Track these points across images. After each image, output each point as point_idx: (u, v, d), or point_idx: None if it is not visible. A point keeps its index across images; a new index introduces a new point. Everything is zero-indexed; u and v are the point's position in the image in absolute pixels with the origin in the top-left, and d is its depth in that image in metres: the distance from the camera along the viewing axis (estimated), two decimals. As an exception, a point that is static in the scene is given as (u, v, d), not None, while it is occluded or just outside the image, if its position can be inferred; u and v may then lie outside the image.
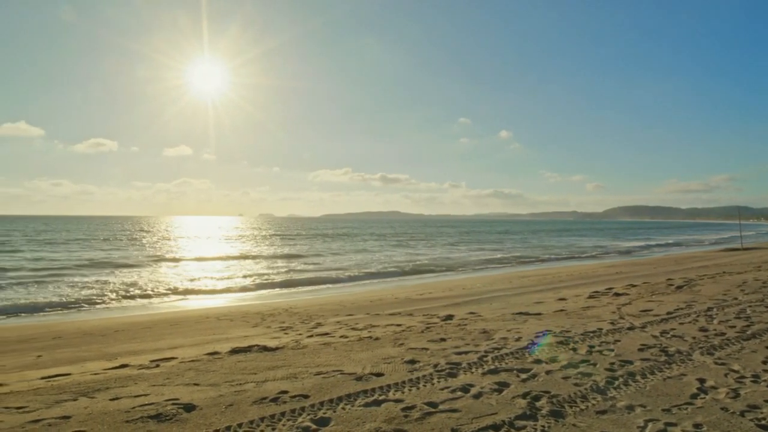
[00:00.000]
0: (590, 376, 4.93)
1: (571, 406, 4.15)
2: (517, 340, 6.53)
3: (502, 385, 4.65)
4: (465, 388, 4.57)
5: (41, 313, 12.95)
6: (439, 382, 4.79)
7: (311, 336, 7.62)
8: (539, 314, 8.70)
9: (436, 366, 5.30)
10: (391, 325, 8.30)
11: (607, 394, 4.43)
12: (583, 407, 4.15)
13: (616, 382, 4.72)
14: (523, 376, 4.94)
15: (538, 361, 5.46)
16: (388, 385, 4.67)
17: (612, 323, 7.57)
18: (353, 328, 8.14)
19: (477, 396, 4.38)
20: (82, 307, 13.89)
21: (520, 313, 8.85)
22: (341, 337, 7.35)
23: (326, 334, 7.74)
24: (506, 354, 5.77)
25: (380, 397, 4.36)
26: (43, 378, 5.54)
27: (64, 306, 13.88)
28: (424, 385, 4.68)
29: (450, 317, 8.85)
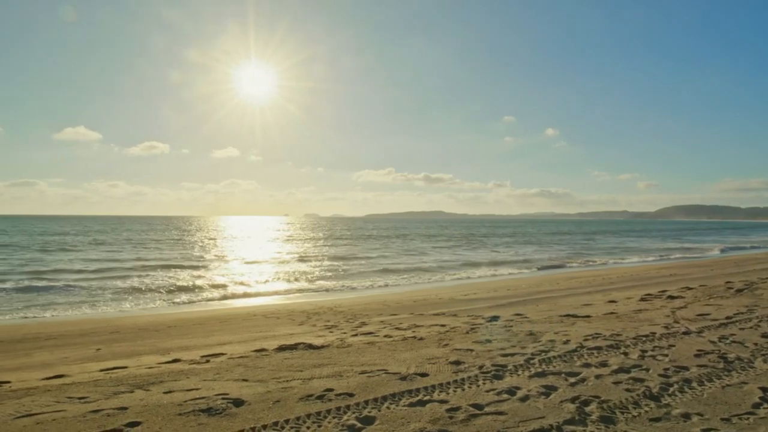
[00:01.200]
0: (643, 381, 4.76)
1: (622, 412, 4.02)
2: (565, 342, 6.38)
3: (550, 389, 4.55)
4: (511, 391, 4.50)
5: (99, 309, 13.58)
6: (484, 383, 4.73)
7: (356, 335, 7.68)
8: (588, 317, 8.46)
9: (481, 367, 5.25)
10: (436, 325, 8.26)
11: (661, 401, 4.27)
12: (635, 414, 4.01)
13: (671, 389, 4.54)
14: (572, 380, 4.82)
15: (587, 365, 5.31)
16: (433, 386, 4.65)
17: (666, 327, 7.28)
18: (397, 328, 8.15)
19: (524, 399, 4.31)
20: (137, 303, 14.48)
21: (568, 315, 8.63)
22: (385, 336, 7.37)
23: (370, 333, 7.78)
24: (554, 357, 5.65)
25: (425, 398, 4.35)
26: (102, 370, 5.81)
27: (121, 302, 14.52)
28: (470, 387, 4.64)
29: (495, 318, 8.73)
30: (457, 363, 5.46)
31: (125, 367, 5.92)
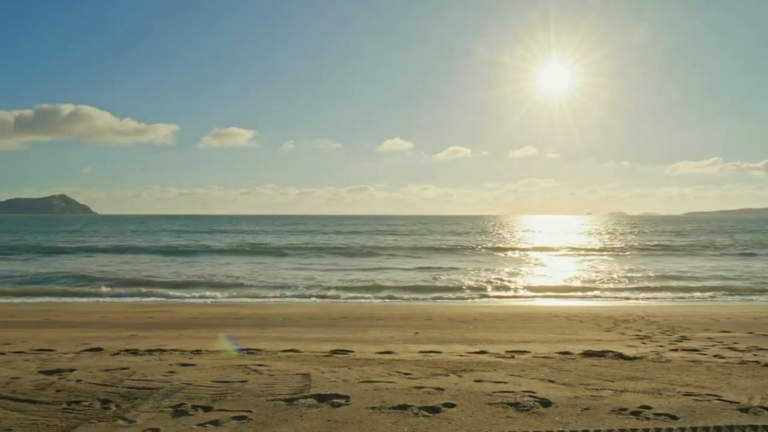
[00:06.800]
0: None
1: None
2: None
3: None
4: None
5: (413, 298, 15.46)
6: None
7: (675, 350, 6.78)
8: None
9: None
10: (788, 351, 6.65)
11: None
12: None
13: None
14: None
15: None
16: (788, 426, 3.74)
17: None
18: (731, 348, 6.88)
19: None
20: (447, 295, 15.96)
21: None
22: (715, 356, 6.30)
23: (694, 350, 6.76)
24: None
25: (776, 438, 3.54)
26: (420, 352, 6.57)
27: (431, 293, 16.26)
28: None
29: None
30: (826, 403, 4.27)
31: (439, 352, 6.56)
